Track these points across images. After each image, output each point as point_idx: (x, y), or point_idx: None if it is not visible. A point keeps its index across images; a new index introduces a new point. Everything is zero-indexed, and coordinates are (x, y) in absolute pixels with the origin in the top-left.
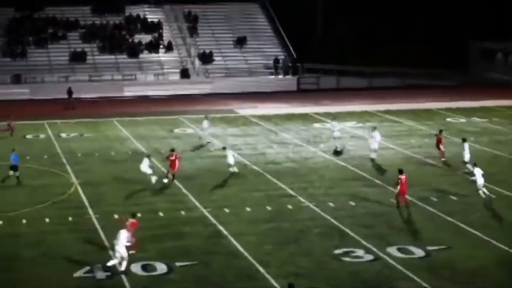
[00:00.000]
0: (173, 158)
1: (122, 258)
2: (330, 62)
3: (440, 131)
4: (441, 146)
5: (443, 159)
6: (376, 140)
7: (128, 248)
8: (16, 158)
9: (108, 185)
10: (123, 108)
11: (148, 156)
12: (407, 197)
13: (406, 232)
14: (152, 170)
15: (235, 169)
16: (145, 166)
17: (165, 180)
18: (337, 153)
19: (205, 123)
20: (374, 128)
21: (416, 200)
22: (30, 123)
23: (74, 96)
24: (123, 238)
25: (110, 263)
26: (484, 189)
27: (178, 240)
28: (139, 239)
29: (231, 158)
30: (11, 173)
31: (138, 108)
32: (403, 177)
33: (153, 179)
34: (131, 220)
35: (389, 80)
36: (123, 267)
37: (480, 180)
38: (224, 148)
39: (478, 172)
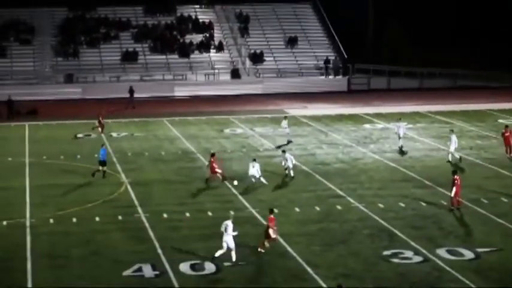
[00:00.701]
0: (212, 161)
1: (230, 249)
2: (381, 63)
3: (506, 126)
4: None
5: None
6: (454, 142)
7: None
8: (104, 153)
9: (158, 184)
10: (174, 108)
11: (254, 160)
12: (459, 198)
13: (456, 234)
14: (260, 173)
15: (291, 173)
16: (255, 170)
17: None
18: (402, 152)
19: (284, 123)
20: (452, 131)
21: (466, 202)
22: (81, 123)
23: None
24: (231, 229)
25: (217, 254)
26: None
27: None
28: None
29: (290, 161)
30: (100, 168)
31: (188, 108)
32: (457, 177)
33: (263, 180)
34: (270, 216)
35: (440, 81)
36: (233, 258)
37: None
38: (284, 152)
39: None
